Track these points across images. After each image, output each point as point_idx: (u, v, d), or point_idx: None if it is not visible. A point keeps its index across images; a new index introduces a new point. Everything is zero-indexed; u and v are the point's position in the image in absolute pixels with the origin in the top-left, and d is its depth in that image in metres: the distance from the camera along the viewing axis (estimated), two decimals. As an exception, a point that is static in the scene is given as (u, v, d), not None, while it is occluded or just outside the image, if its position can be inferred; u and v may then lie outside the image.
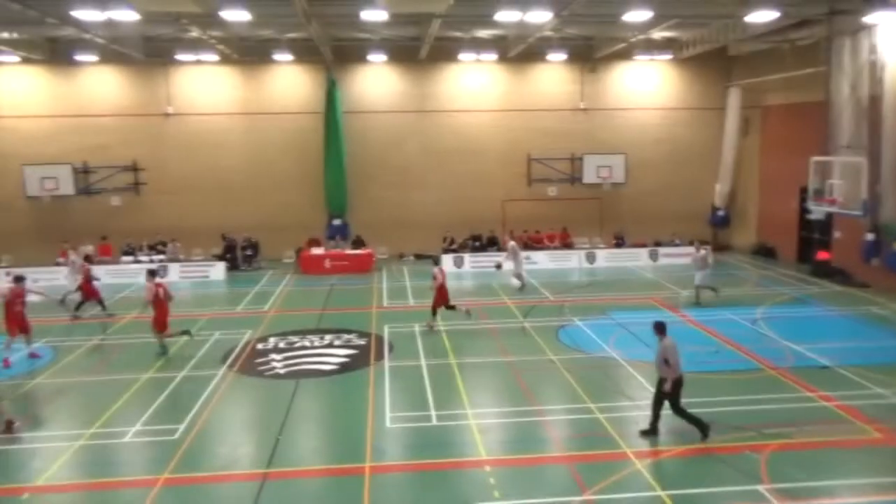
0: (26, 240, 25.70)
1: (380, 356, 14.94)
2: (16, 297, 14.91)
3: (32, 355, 15.10)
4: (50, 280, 23.27)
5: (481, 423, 11.14)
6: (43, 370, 14.31)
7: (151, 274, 15.80)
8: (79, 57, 24.28)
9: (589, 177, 27.46)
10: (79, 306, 18.86)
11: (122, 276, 24.00)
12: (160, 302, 15.17)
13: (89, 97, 26.13)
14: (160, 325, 15.20)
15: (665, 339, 10.29)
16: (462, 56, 25.70)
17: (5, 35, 21.86)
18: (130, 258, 25.03)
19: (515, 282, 21.41)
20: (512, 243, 22.27)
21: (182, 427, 11.16)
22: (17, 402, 12.51)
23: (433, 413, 11.64)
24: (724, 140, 27.71)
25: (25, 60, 24.76)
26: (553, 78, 27.70)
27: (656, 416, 10.46)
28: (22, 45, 23.05)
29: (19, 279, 15.46)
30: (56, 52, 24.96)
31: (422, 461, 9.93)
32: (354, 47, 25.76)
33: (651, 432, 10.44)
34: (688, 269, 24.79)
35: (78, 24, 19.32)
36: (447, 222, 26.97)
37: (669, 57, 26.81)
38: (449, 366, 14.18)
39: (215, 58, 25.18)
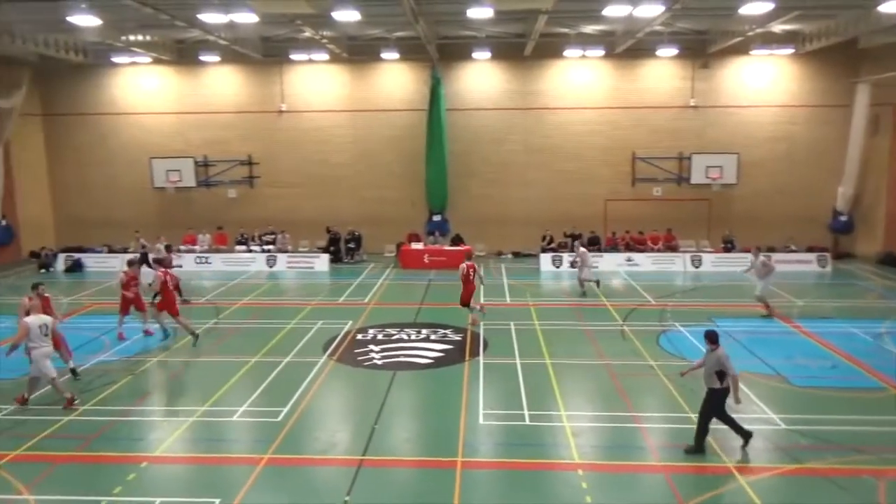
0: (152, 228, 27.72)
1: (475, 353, 15.02)
2: (130, 280, 16.11)
3: (146, 332, 16.24)
4: (172, 265, 25.12)
5: (575, 426, 10.97)
6: (162, 349, 15.40)
7: (158, 262, 16.91)
8: (203, 57, 25.89)
9: (697, 177, 26.35)
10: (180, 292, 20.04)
11: (235, 265, 25.52)
12: (167, 289, 15.80)
13: (211, 95, 27.80)
14: (172, 309, 15.85)
15: (718, 349, 9.74)
16: (567, 52, 25.32)
17: (139, 38, 23.67)
18: (243, 247, 26.46)
19: (593, 285, 20.96)
20: (582, 249, 21.64)
21: (285, 410, 11.69)
22: (139, 378, 13.59)
23: (526, 412, 11.57)
24: (849, 139, 25.74)
25: (156, 61, 26.69)
26: (662, 74, 26.76)
27: (704, 431, 9.88)
28: (153, 47, 24.86)
29: (132, 263, 16.76)
30: (183, 53, 26.73)
31: (513, 460, 9.90)
32: (459, 45, 25.96)
33: (697, 450, 9.87)
34: (802, 276, 23.42)
35: (203, 26, 20.60)
36: (547, 220, 26.71)
37: (790, 51, 25.23)
38: (544, 366, 14.05)
39: (326, 57, 26.12)
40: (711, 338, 9.89)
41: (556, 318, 17.87)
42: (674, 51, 24.83)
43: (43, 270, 25.33)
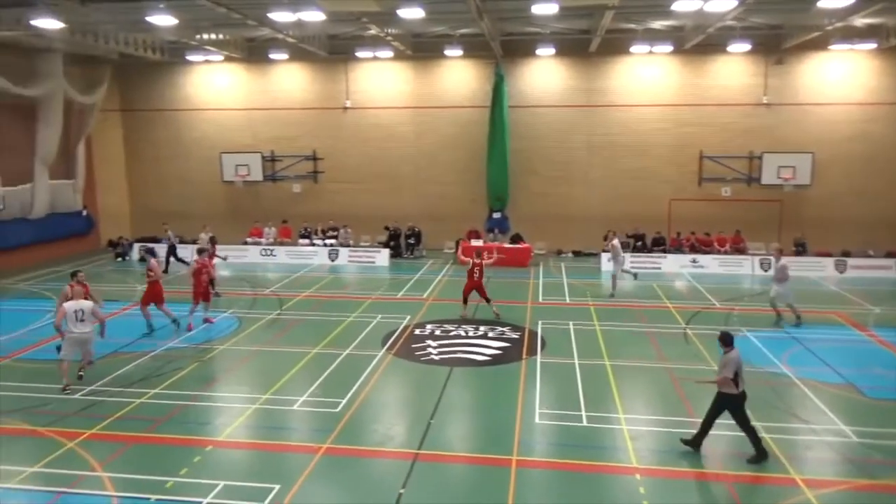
0: (221, 220, 28.76)
1: (532, 351, 14.93)
2: (201, 268, 16.67)
3: (206, 320, 16.74)
4: (239, 257, 26.09)
5: (634, 430, 10.77)
6: (228, 337, 15.92)
7: (200, 252, 17.34)
8: (272, 55, 26.57)
9: (768, 177, 25.39)
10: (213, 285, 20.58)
11: (298, 258, 26.13)
12: (199, 278, 16.40)
13: (279, 92, 28.51)
14: (204, 296, 16.51)
15: (732, 350, 9.66)
16: (634, 48, 24.79)
17: (212, 36, 24.50)
18: (307, 241, 27.06)
19: (628, 277, 20.82)
20: (615, 242, 20.80)
21: (343, 401, 11.91)
22: (206, 365, 14.09)
23: (584, 413, 11.44)
24: (937, 140, 24.32)
25: (227, 59, 27.58)
26: (733, 70, 25.89)
27: (705, 430, 9.86)
28: (225, 46, 25.68)
29: (201, 251, 17.37)
30: (253, 51, 27.50)
31: (569, 460, 9.80)
32: (523, 41, 25.80)
33: (694, 444, 9.90)
34: (880, 282, 22.33)
35: (273, 25, 21.13)
36: (609, 219, 26.24)
37: (872, 46, 23.98)
38: (602, 367, 13.85)
39: (390, 54, 26.40)
40: (725, 340, 9.83)
41: (616, 318, 17.57)
42: (746, 46, 23.97)
43: (119, 259, 26.57)
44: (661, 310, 18.68)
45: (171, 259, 24.14)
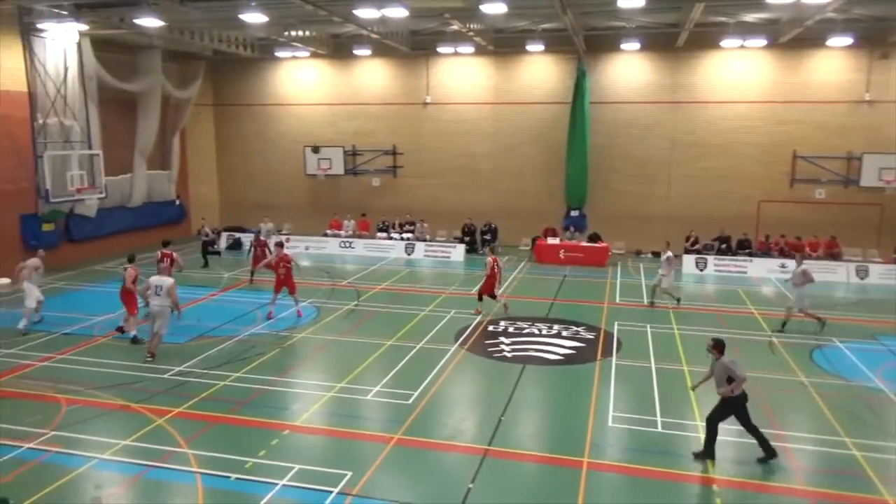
0: (303, 212, 29.74)
1: (607, 352, 14.66)
2: (280, 261, 17.18)
3: (299, 313, 17.26)
4: (318, 248, 26.88)
5: (712, 438, 10.40)
6: (307, 326, 16.40)
7: (280, 245, 17.87)
8: (356, 51, 27.11)
9: (868, 179, 23.82)
10: (253, 272, 21.15)
11: (375, 250, 26.60)
12: (278, 269, 16.94)
13: (361, 87, 29.06)
14: (291, 288, 17.03)
15: (722, 357, 9.72)
16: (724, 43, 23.81)
17: (300, 33, 25.25)
18: (384, 234, 27.51)
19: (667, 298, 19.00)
20: (669, 254, 19.02)
21: (415, 394, 12.06)
22: (286, 352, 14.58)
23: (659, 419, 11.15)
24: None
25: (313, 55, 28.34)
26: (832, 66, 24.44)
27: (713, 435, 9.73)
28: (312, 42, 26.40)
29: (280, 245, 17.95)
30: (337, 48, 28.12)
31: (642, 466, 9.57)
32: (607, 36, 25.25)
33: (706, 455, 9.69)
34: None
35: (357, 21, 21.55)
36: (692, 220, 25.42)
37: None
38: (680, 372, 13.44)
39: (471, 49, 26.41)
40: (717, 347, 9.83)
41: (696, 323, 17.00)
42: (847, 40, 22.57)
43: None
44: (745, 316, 17.94)
45: (208, 254, 24.50)
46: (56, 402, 11.57)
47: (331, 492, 8.69)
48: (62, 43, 22.03)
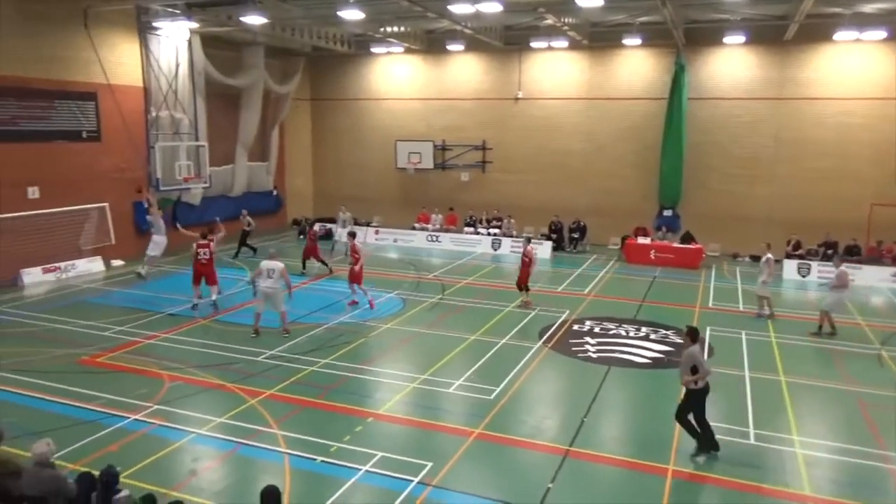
0: (392, 205, 30.32)
1: (697, 358, 14.11)
2: (352, 251, 17.59)
3: (352, 303, 17.57)
4: (406, 241, 27.34)
5: (810, 455, 9.85)
6: (393, 317, 16.71)
7: (352, 235, 18.36)
8: (449, 46, 27.30)
9: None
10: (304, 263, 21.61)
11: (462, 245, 26.74)
12: (358, 257, 17.32)
13: (453, 82, 29.25)
14: (357, 277, 17.31)
15: (692, 346, 9.79)
16: (838, 35, 22.32)
17: (395, 29, 25.70)
18: (471, 229, 27.62)
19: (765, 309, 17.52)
20: (769, 255, 17.47)
21: (497, 390, 12.07)
22: (371, 341, 14.93)
23: (751, 430, 10.65)
24: None
25: (407, 51, 28.77)
26: (963, 59, 22.48)
27: (694, 430, 9.78)
28: (406, 38, 26.82)
29: (353, 235, 18.37)
30: (431, 43, 28.43)
31: (731, 478, 9.18)
32: (709, 29, 24.23)
33: (704, 448, 9.75)
34: None
35: (451, 16, 21.70)
36: (794, 223, 24.05)
37: None
38: (777, 382, 12.78)
39: (565, 44, 26.01)
40: (690, 334, 9.92)
41: (796, 331, 16.10)
42: (982, 31, 20.70)
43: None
44: (852, 327, 16.81)
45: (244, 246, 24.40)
46: (159, 378, 12.36)
47: (411, 481, 8.84)
48: (174, 40, 23.39)
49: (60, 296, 18.43)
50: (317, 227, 24.09)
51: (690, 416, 9.83)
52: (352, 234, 18.50)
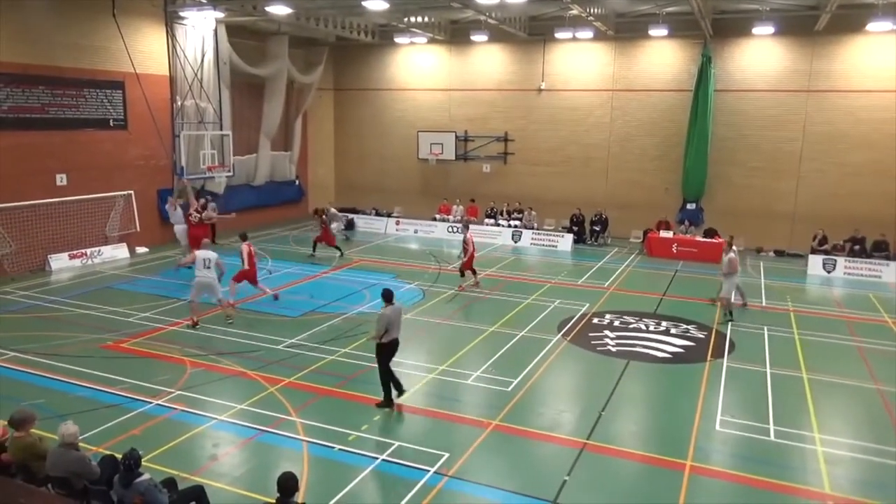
0: (413, 195, 30.34)
1: (718, 353, 14.00)
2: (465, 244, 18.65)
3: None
4: (427, 232, 27.35)
5: (831, 453, 9.73)
6: (412, 308, 16.75)
7: (466, 227, 19.51)
8: (473, 37, 27.17)
9: None
10: (314, 246, 22.51)
11: (482, 237, 26.63)
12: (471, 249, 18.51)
13: (476, 73, 29.11)
14: (469, 265, 18.62)
15: (390, 306, 10.81)
16: (872, 26, 21.75)
17: (419, 19, 25.63)
18: (492, 221, 27.56)
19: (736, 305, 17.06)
20: (731, 255, 16.74)
21: (515, 382, 12.08)
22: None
23: (771, 427, 10.54)
24: None
25: (431, 41, 28.69)
26: None
27: (393, 380, 10.94)
28: (430, 28, 26.74)
29: (467, 226, 19.01)
30: (455, 34, 28.32)
31: (751, 475, 9.11)
32: (738, 19, 23.82)
33: (386, 404, 10.81)
34: None
35: (476, 7, 21.59)
36: (820, 218, 23.63)
37: None
38: (799, 379, 12.63)
39: (590, 35, 25.71)
40: (384, 295, 11.01)
41: (820, 328, 15.87)
42: None
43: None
44: (878, 324, 16.53)
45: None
46: (182, 364, 12.56)
47: (428, 471, 8.90)
48: (200, 30, 23.57)
49: (86, 282, 18.77)
50: (332, 210, 24.64)
51: None
52: (466, 226, 19.73)
